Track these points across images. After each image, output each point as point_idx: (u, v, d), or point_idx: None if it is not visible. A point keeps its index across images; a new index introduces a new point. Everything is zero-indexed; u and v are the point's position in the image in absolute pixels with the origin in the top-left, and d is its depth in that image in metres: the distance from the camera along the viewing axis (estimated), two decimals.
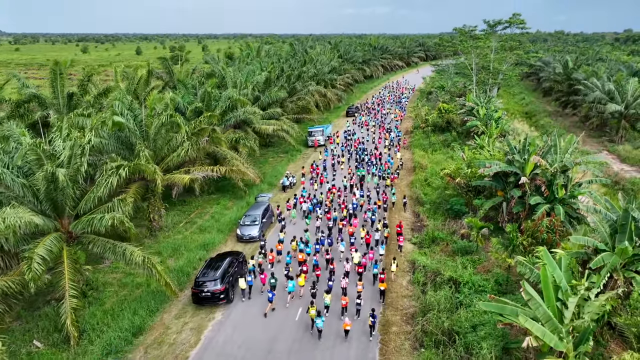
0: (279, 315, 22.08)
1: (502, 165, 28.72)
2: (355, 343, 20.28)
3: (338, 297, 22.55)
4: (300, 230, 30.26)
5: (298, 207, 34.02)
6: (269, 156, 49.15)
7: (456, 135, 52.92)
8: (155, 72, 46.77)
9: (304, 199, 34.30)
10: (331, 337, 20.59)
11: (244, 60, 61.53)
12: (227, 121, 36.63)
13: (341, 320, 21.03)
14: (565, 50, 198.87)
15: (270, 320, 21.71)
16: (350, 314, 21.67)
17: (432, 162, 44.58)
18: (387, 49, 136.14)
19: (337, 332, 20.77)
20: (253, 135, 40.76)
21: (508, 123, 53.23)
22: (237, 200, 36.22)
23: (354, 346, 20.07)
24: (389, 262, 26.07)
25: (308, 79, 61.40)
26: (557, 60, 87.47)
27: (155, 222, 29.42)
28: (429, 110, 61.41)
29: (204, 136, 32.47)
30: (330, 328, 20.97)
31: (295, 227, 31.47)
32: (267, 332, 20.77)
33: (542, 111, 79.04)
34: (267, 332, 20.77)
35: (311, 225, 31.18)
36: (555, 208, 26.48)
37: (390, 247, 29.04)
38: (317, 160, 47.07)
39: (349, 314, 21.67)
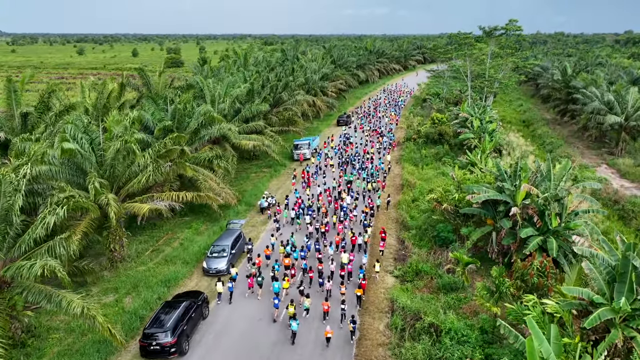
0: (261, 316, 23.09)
1: (491, 192, 26.47)
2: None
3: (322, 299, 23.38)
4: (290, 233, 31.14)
5: (289, 209, 35.22)
6: (252, 171, 46.89)
7: (448, 149, 50.65)
8: (132, 83, 44.49)
9: (294, 204, 35.44)
10: (309, 346, 20.92)
11: (229, 69, 59.22)
12: (200, 139, 34.39)
13: (324, 324, 21.86)
14: (565, 52, 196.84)
15: (251, 323, 22.55)
16: (333, 320, 22.36)
17: (421, 179, 42.33)
18: (383, 53, 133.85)
19: (316, 339, 21.30)
20: (231, 152, 38.51)
21: (503, 135, 50.97)
22: (211, 223, 33.96)
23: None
24: (371, 263, 27.53)
25: (296, 87, 59.15)
26: (556, 67, 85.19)
27: (116, 252, 27.15)
28: (421, 120, 59.12)
29: (172, 157, 30.23)
30: (310, 334, 21.67)
31: (286, 229, 32.77)
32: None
33: (539, 119, 76.77)
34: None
35: (302, 230, 32.58)
36: (548, 242, 24.24)
37: (373, 247, 30.40)
38: (310, 164, 48.81)
39: (332, 319, 22.37)
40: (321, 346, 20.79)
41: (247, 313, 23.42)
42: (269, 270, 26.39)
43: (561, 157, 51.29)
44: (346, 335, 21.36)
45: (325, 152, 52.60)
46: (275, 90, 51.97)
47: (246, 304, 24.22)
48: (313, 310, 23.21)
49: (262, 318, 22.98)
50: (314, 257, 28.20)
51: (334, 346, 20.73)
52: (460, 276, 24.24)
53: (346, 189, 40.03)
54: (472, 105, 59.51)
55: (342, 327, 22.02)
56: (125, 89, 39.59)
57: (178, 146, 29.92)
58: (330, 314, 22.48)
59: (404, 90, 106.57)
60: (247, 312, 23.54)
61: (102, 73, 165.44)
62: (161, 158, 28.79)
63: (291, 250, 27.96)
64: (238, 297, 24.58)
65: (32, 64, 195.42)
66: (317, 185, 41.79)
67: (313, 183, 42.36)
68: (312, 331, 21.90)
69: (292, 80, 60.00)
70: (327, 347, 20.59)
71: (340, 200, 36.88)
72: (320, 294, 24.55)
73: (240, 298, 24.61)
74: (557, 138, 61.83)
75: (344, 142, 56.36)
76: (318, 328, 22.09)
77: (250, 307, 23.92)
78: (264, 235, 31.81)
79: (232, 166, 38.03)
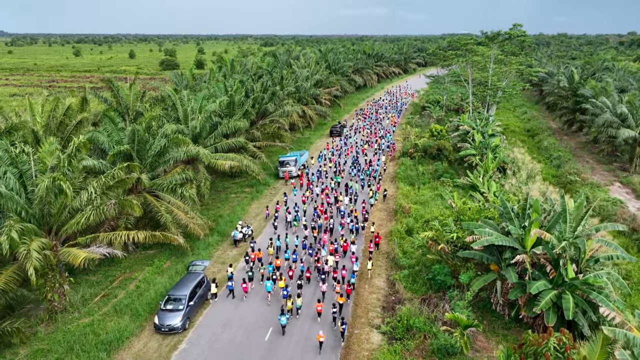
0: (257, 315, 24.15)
1: (495, 236, 22.34)
2: None
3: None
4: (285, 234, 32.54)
5: (282, 216, 36.01)
6: (232, 190, 42.81)
7: (447, 166, 46.52)
8: (100, 95, 40.46)
9: (288, 210, 35.26)
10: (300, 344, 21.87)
11: (213, 77, 55.10)
12: (165, 162, 30.35)
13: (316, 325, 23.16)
14: (568, 55, 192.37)
15: (246, 322, 23.59)
16: (325, 322, 23.45)
17: (417, 202, 38.23)
18: (382, 56, 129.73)
19: (306, 340, 22.20)
20: (204, 174, 34.46)
21: (507, 151, 46.81)
22: (177, 258, 29.91)
23: None
24: (365, 263, 28.91)
25: (285, 96, 55.06)
26: (562, 73, 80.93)
27: (56, 302, 23.15)
28: (419, 132, 54.98)
29: (128, 186, 26.24)
30: (301, 333, 22.74)
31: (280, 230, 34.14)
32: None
33: (545, 128, 72.53)
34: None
35: (299, 233, 33.27)
36: (563, 299, 20.15)
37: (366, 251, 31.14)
38: (310, 166, 50.62)
39: (323, 321, 23.50)
40: (312, 347, 21.70)
41: (242, 313, 24.47)
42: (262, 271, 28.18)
43: (569, 174, 47.24)
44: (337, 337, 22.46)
45: (324, 154, 53.65)
46: (261, 101, 47.93)
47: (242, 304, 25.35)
48: (306, 310, 24.63)
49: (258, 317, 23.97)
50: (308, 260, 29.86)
51: (326, 346, 21.77)
52: (458, 341, 20.17)
53: (343, 192, 41.66)
54: (474, 116, 55.40)
55: (334, 328, 23.06)
56: (88, 104, 35.57)
57: (134, 174, 25.91)
58: (323, 316, 23.79)
59: (407, 92, 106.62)
60: (242, 312, 24.60)
61: (95, 76, 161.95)
62: (112, 190, 24.78)
63: (284, 251, 30.11)
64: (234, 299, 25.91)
65: (25, 66, 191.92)
66: (316, 186, 43.21)
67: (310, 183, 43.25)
68: (303, 331, 23.08)
69: (281, 89, 55.96)
70: (319, 353, 21.35)
71: (336, 203, 39.01)
72: (314, 295, 25.86)
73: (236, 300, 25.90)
74: (564, 151, 57.65)
75: (344, 143, 59.18)
76: (310, 328, 23.25)
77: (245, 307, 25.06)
78: (237, 274, 27.74)
79: (206, 191, 33.98)
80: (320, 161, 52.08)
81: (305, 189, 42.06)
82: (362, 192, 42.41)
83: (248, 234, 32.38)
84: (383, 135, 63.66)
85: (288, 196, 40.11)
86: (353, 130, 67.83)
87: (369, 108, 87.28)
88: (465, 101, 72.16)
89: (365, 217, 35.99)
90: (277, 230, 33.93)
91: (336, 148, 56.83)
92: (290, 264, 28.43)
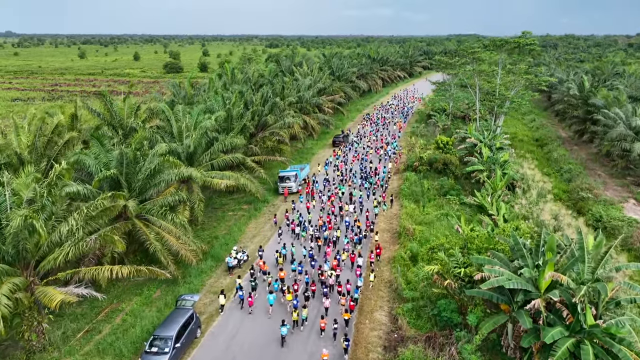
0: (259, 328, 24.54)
1: (506, 276, 20.55)
2: None
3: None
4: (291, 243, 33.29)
5: (285, 227, 36.34)
6: (229, 207, 41.25)
7: (454, 182, 44.70)
8: (93, 109, 38.98)
9: (294, 223, 35.90)
10: None
11: (212, 87, 53.60)
12: (156, 185, 28.80)
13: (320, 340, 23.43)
14: (577, 57, 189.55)
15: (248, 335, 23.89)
16: (327, 337, 23.60)
17: (422, 223, 36.49)
18: (387, 60, 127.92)
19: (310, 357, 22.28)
20: (199, 195, 32.89)
21: (516, 166, 44.92)
22: (168, 287, 28.36)
23: None
24: (367, 275, 29.13)
25: (286, 107, 53.46)
26: (572, 80, 78.81)
27: (34, 341, 21.64)
28: (424, 143, 53.19)
29: (114, 214, 24.73)
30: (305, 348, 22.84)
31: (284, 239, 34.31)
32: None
33: (554, 138, 70.45)
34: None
35: (305, 244, 33.58)
36: (582, 349, 18.38)
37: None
38: (317, 173, 50.92)
39: (326, 337, 23.65)
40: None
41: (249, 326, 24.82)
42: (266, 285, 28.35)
43: (581, 190, 45.27)
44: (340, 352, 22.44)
45: (331, 161, 54.41)
46: (260, 114, 46.36)
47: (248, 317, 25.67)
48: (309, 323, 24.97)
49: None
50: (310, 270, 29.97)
51: None
52: None
53: (348, 200, 42.14)
54: (481, 127, 53.55)
55: (335, 345, 23.00)
56: (79, 120, 34.12)
57: (120, 201, 24.38)
58: (326, 332, 23.90)
59: (414, 97, 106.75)
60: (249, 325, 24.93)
61: (99, 79, 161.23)
62: (95, 220, 23.27)
63: (291, 262, 30.48)
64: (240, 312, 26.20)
65: (30, 69, 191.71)
66: (321, 194, 43.90)
67: (316, 195, 43.58)
68: (307, 346, 23.18)
69: (282, 99, 54.39)
70: None
71: (341, 212, 39.09)
72: (318, 311, 25.81)
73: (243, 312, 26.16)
74: (575, 163, 55.62)
75: (350, 150, 60.44)
76: (313, 343, 23.34)
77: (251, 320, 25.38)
78: (227, 315, 26.11)
79: (200, 213, 32.43)
80: (327, 169, 52.63)
81: (310, 197, 42.37)
82: (367, 201, 42.82)
83: (243, 260, 30.78)
84: (389, 142, 63.86)
85: (296, 203, 41.22)
86: (359, 137, 67.70)
87: (375, 113, 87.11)
88: (472, 108, 70.25)
89: (371, 227, 36.18)
90: (283, 239, 34.22)
91: (343, 155, 57.39)
92: (295, 276, 29.13)
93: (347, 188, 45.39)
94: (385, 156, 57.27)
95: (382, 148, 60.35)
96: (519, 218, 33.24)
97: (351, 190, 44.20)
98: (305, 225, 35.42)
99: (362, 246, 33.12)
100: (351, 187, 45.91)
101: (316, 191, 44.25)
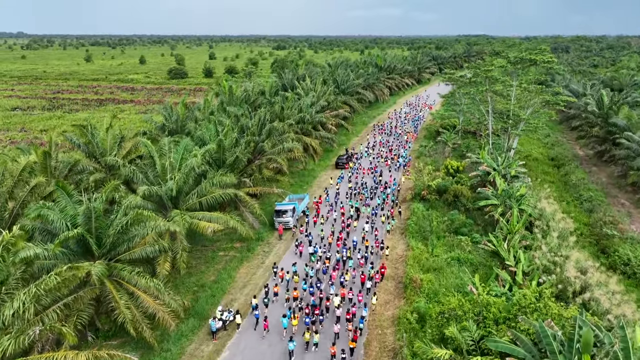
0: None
1: None
2: None
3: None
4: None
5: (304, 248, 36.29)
6: (220, 246, 37.89)
7: (465, 217, 41.15)
8: (73, 140, 35.99)
9: (303, 245, 36.46)
10: None
11: (207, 107, 50.36)
12: (129, 241, 25.64)
13: None
14: (589, 62, 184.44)
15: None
16: None
17: (430, 270, 33.01)
18: (394, 68, 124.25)
19: None
20: (182, 244, 29.64)
21: (533, 199, 41.20)
22: (143, 356, 25.20)
23: None
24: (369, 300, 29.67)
25: (286, 129, 50.17)
26: (590, 94, 74.71)
27: None
28: (432, 169, 49.59)
29: (75, 283, 21.58)
30: None
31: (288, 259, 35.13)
32: None
33: (571, 157, 66.47)
34: None
35: (314, 265, 33.50)
36: None
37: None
38: (328, 186, 51.45)
39: None
40: None
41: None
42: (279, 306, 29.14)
43: (604, 224, 41.53)
44: None
45: (344, 175, 54.79)
46: (255, 144, 43.11)
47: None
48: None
49: None
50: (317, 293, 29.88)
51: None
52: None
53: (356, 216, 42.44)
54: (494, 152, 49.85)
55: None
56: (52, 157, 31.01)
57: (85, 264, 21.21)
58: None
59: (426, 104, 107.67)
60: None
61: (102, 85, 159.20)
62: (52, 292, 20.14)
63: (303, 281, 31.01)
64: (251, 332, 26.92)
65: (34, 74, 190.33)
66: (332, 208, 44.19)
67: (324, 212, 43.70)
68: None
69: (282, 120, 51.15)
70: None
71: (347, 228, 39.58)
72: (328, 336, 25.98)
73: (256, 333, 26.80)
74: (595, 190, 51.77)
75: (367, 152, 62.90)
76: None
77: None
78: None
79: (182, 265, 29.20)
80: (340, 181, 52.87)
81: (319, 215, 42.63)
82: (377, 218, 43.14)
83: (229, 320, 27.51)
84: (399, 154, 64.13)
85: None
86: (370, 147, 68.16)
87: (386, 122, 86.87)
88: (483, 123, 66.53)
89: (381, 246, 36.58)
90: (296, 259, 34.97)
91: (359, 167, 57.93)
92: (303, 296, 29.69)
93: (359, 202, 45.85)
94: (395, 166, 59.00)
95: (393, 159, 61.54)
96: (540, 270, 29.67)
97: (361, 206, 44.67)
98: (316, 248, 35.58)
99: (372, 267, 32.77)
100: (362, 201, 46.53)
101: (327, 204, 45.71)
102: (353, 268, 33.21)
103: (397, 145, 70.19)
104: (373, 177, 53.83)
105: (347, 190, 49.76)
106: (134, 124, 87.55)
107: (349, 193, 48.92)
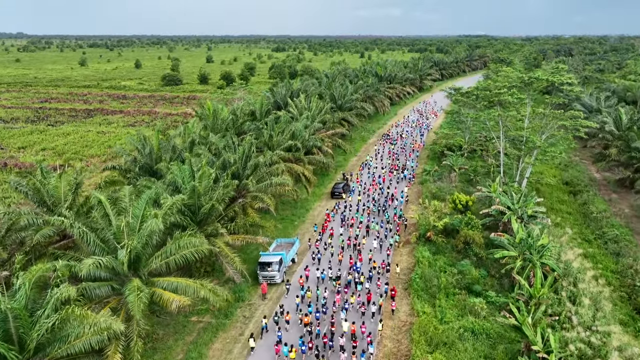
0: None
1: None
2: None
3: None
4: None
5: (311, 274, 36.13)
6: (194, 309, 32.53)
7: (477, 269, 35.90)
8: (22, 188, 30.72)
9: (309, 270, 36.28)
10: None
11: (188, 136, 44.97)
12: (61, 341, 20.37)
13: None
14: (595, 65, 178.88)
15: None
16: None
17: (440, 345, 27.75)
18: (395, 77, 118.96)
19: None
20: (138, 327, 24.25)
21: (555, 249, 35.89)
22: None
23: None
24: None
25: (275, 160, 44.88)
26: (605, 111, 69.33)
27: None
28: (438, 207, 44.26)
29: None
30: None
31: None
32: None
33: (587, 181, 61.14)
34: None
35: (320, 292, 32.84)
36: None
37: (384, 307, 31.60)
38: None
39: None
40: None
41: None
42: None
43: (636, 275, 36.33)
44: None
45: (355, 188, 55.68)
46: (240, 180, 37.88)
47: None
48: None
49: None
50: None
51: None
52: None
53: (365, 233, 43.01)
54: (508, 187, 44.51)
55: None
56: None
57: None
58: None
59: (433, 111, 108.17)
60: None
61: (93, 93, 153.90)
62: None
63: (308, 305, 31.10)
64: None
65: (25, 80, 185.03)
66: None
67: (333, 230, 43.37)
68: None
69: (271, 149, 45.92)
70: None
71: (358, 246, 40.24)
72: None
73: None
74: (620, 226, 46.51)
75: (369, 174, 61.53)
76: None
77: None
78: None
79: (136, 356, 23.87)
80: (352, 195, 53.32)
81: (327, 235, 42.58)
82: (384, 235, 43.16)
83: None
84: (405, 166, 63.99)
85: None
86: (376, 157, 69.86)
87: (392, 131, 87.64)
88: (491, 141, 61.24)
89: (387, 268, 36.96)
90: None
91: (373, 180, 58.16)
92: (312, 320, 29.45)
93: (366, 218, 46.16)
94: (402, 179, 59.33)
95: (399, 170, 62.25)
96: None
97: (368, 223, 44.84)
98: (324, 274, 35.39)
99: (382, 297, 32.45)
100: (370, 216, 46.84)
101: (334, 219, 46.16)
102: (359, 294, 33.06)
103: (402, 155, 71.37)
104: (381, 189, 54.55)
105: (359, 203, 50.33)
106: (118, 140, 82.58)
107: (358, 207, 49.33)
